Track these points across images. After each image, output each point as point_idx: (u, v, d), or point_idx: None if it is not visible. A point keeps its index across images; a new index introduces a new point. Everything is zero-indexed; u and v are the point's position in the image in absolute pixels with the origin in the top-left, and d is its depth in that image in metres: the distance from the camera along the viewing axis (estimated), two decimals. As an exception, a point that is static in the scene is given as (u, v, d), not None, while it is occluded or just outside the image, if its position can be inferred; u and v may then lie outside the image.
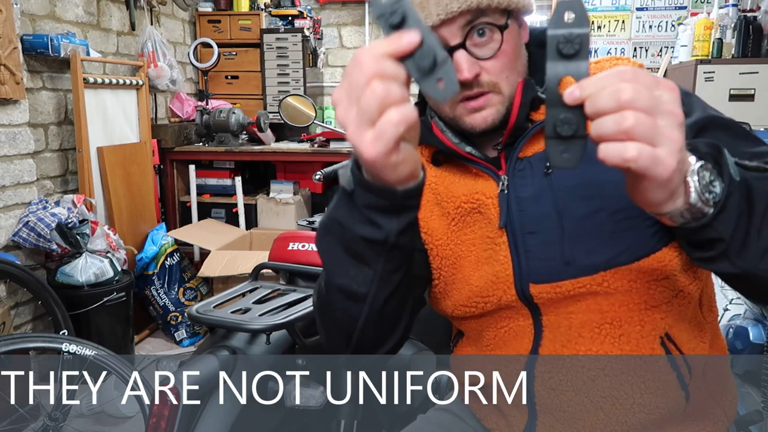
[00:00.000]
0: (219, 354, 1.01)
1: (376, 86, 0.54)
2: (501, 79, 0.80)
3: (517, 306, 0.85)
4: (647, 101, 0.52)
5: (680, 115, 0.53)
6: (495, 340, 0.89)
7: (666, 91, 0.53)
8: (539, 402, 0.87)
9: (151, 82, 3.38)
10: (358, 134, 0.56)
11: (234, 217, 3.65)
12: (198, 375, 0.95)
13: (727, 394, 0.89)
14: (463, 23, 0.76)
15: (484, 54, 0.77)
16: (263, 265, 1.26)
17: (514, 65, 0.81)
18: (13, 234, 2.36)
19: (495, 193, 0.84)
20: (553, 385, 0.85)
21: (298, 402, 1.03)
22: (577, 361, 0.83)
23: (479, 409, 0.98)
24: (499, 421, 0.94)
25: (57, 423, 2.06)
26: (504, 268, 0.84)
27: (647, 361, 0.82)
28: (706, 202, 0.57)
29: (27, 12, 2.61)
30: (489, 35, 0.77)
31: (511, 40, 0.79)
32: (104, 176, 2.91)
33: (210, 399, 0.98)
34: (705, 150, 0.59)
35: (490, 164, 0.85)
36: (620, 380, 0.83)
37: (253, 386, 1.01)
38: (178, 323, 3.04)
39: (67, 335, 2.12)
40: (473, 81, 0.78)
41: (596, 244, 0.78)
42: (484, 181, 0.86)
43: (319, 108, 4.27)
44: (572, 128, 0.53)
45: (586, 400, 0.84)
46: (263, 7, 4.14)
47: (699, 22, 3.28)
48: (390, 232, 0.66)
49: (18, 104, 2.40)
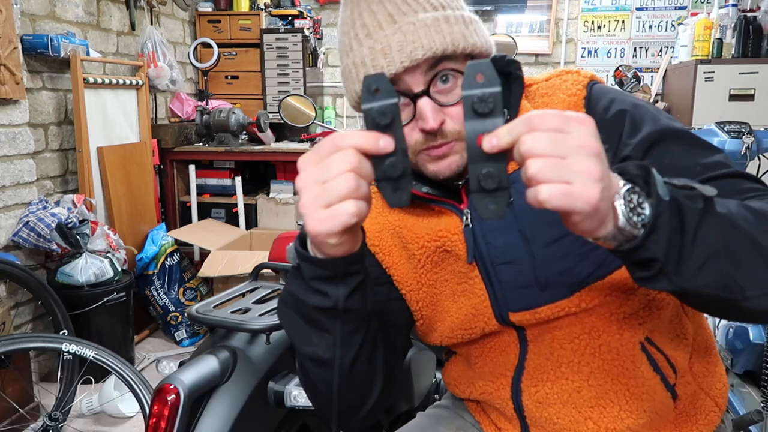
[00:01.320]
0: (219, 354, 1.01)
1: (349, 179, 0.57)
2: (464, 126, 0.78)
3: (501, 329, 0.86)
4: (547, 145, 0.53)
5: (593, 145, 0.53)
6: (482, 357, 0.90)
7: (576, 126, 0.54)
8: (529, 416, 0.88)
9: (151, 82, 3.38)
10: (312, 209, 0.58)
11: (234, 217, 3.66)
12: (198, 375, 0.95)
13: (716, 383, 0.90)
14: (426, 69, 0.74)
15: (449, 101, 0.75)
16: (263, 265, 1.26)
17: None
18: (13, 234, 2.36)
19: (459, 228, 0.83)
20: (540, 399, 0.86)
21: (298, 402, 1.03)
22: (561, 373, 0.84)
23: (477, 412, 1.00)
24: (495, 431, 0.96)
25: (57, 423, 2.06)
26: (481, 300, 0.84)
27: (628, 368, 0.83)
28: (635, 225, 0.57)
29: (27, 12, 2.61)
30: (453, 81, 0.75)
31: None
32: (104, 176, 2.91)
33: (210, 399, 0.98)
34: (634, 172, 0.59)
35: (450, 200, 0.84)
36: (605, 389, 0.83)
37: (253, 386, 1.01)
38: (178, 323, 3.04)
39: (67, 335, 2.12)
40: (437, 131, 0.75)
41: (567, 267, 0.79)
42: (447, 217, 0.84)
43: (319, 108, 4.27)
44: (495, 181, 0.56)
45: (574, 411, 0.85)
46: (263, 7, 4.14)
47: (699, 22, 3.28)
48: (338, 299, 0.68)
49: (18, 104, 2.40)
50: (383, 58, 0.73)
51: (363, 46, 0.75)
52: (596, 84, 0.84)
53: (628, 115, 0.79)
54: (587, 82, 0.83)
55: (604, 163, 0.54)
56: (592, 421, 0.85)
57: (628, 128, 0.78)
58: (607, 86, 0.85)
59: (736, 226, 0.62)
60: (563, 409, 0.85)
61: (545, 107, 0.77)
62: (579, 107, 0.81)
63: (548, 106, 0.81)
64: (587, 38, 4.23)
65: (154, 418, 0.91)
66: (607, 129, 0.74)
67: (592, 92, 0.82)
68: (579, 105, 0.81)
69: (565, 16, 4.23)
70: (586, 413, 0.85)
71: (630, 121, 0.79)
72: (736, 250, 0.62)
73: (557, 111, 0.55)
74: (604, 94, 0.82)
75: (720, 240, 0.60)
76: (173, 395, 0.91)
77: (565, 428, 0.86)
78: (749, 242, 0.63)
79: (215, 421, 0.96)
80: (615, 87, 0.85)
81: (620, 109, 0.79)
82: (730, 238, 0.61)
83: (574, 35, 4.26)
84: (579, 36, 4.24)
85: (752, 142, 1.79)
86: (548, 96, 0.84)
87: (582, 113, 0.57)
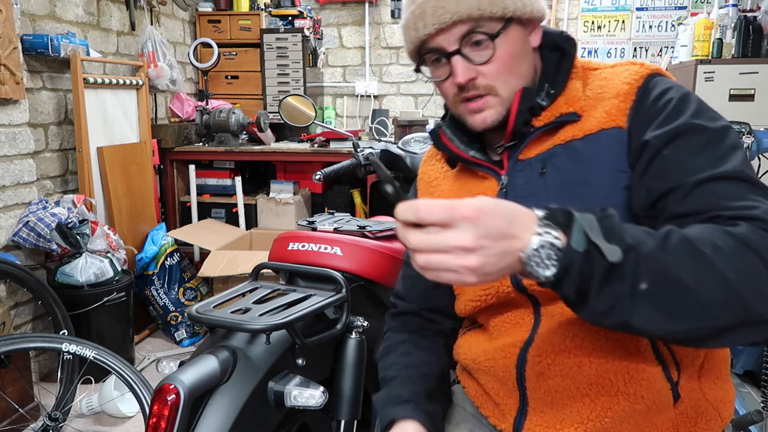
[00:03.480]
0: (219, 354, 1.01)
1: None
2: (498, 83, 0.87)
3: (516, 297, 0.90)
4: (427, 244, 0.63)
5: (471, 244, 0.62)
6: (498, 328, 0.94)
7: (461, 222, 0.62)
8: (529, 387, 0.90)
9: (151, 82, 3.38)
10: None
11: (234, 217, 3.65)
12: (198, 375, 0.95)
13: (723, 398, 0.90)
14: (458, 33, 0.84)
15: (479, 59, 0.85)
16: (263, 265, 1.26)
17: (512, 69, 0.87)
18: (13, 234, 2.36)
19: (495, 192, 0.91)
20: (542, 370, 0.88)
21: (298, 402, 1.03)
22: (564, 346, 0.87)
23: (477, 397, 1.02)
24: (494, 410, 0.98)
25: (57, 423, 2.06)
26: None
27: (632, 352, 0.84)
28: (542, 273, 0.65)
29: (27, 12, 2.61)
30: (485, 42, 0.85)
31: (509, 45, 0.85)
32: (104, 176, 2.91)
33: (210, 399, 0.98)
34: (561, 220, 0.66)
35: (492, 165, 0.92)
36: (605, 368, 0.85)
37: (253, 386, 1.01)
38: (178, 323, 3.04)
39: (67, 335, 2.12)
40: (468, 84, 0.86)
41: None
42: (488, 182, 0.93)
43: (319, 108, 4.27)
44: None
45: (572, 386, 0.87)
46: (263, 7, 4.14)
47: (699, 22, 3.28)
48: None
49: (18, 104, 2.40)
50: (421, 22, 0.85)
51: (407, 11, 0.88)
52: (657, 77, 0.87)
53: (672, 105, 0.82)
54: (647, 74, 0.86)
55: (482, 255, 0.62)
56: (589, 398, 0.86)
57: (665, 116, 0.81)
58: (670, 80, 0.87)
59: (663, 269, 0.65)
60: (562, 382, 0.87)
61: (600, 91, 0.87)
62: (630, 95, 0.85)
63: (603, 91, 0.87)
64: (587, 38, 4.24)
65: (154, 418, 0.91)
66: (647, 114, 0.82)
67: (649, 83, 0.85)
68: (631, 93, 0.85)
69: (565, 16, 4.23)
70: (584, 389, 0.86)
71: (672, 109, 0.81)
72: (662, 292, 0.65)
73: (447, 204, 0.62)
74: (661, 85, 0.85)
75: (628, 288, 0.65)
76: (173, 395, 0.91)
77: (561, 403, 0.88)
78: (676, 286, 0.65)
79: (215, 421, 0.96)
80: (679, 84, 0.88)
81: (669, 98, 0.83)
82: (657, 282, 0.65)
83: (574, 35, 4.25)
84: (579, 36, 4.24)
85: (752, 142, 1.79)
86: (607, 81, 0.88)
87: (475, 201, 0.63)
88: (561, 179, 0.86)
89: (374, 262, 1.29)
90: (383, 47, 4.47)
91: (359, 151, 1.77)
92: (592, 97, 0.88)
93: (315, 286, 1.21)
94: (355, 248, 1.28)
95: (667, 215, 0.77)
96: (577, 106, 0.87)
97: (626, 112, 0.84)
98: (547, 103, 0.88)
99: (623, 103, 0.85)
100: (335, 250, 1.27)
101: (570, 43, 0.92)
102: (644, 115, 0.83)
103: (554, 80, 0.90)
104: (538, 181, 0.88)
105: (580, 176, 0.85)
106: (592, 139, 0.85)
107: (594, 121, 0.86)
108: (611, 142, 0.84)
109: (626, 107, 0.84)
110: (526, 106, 0.87)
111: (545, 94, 0.89)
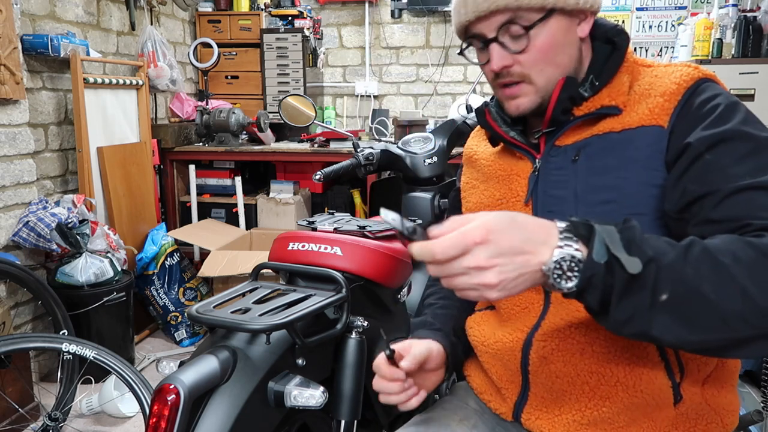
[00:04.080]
0: (219, 354, 1.01)
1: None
2: (534, 72, 0.88)
3: None
4: (447, 272, 0.67)
5: (485, 264, 0.65)
6: (508, 311, 0.97)
7: (474, 247, 0.65)
8: (532, 371, 0.92)
9: (151, 82, 3.38)
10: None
11: (234, 217, 3.65)
12: (198, 375, 0.95)
13: (727, 406, 0.90)
14: (497, 22, 0.86)
15: (515, 48, 0.87)
16: (263, 265, 1.26)
17: (550, 59, 0.87)
18: (13, 234, 2.36)
19: (528, 173, 0.94)
20: (546, 354, 0.89)
21: (298, 402, 1.03)
22: (569, 332, 0.88)
23: (480, 385, 1.04)
24: (496, 395, 1.00)
25: (57, 423, 2.06)
26: None
27: (635, 344, 0.85)
28: (564, 285, 0.68)
29: (27, 12, 2.61)
30: (523, 32, 0.86)
31: (547, 36, 0.86)
32: (104, 176, 2.91)
33: (210, 399, 0.98)
34: (582, 233, 0.69)
35: (529, 148, 0.94)
36: (607, 357, 0.86)
37: (253, 386, 1.01)
38: (178, 323, 3.04)
39: (67, 335, 2.12)
40: (503, 71, 0.89)
41: None
42: (524, 162, 0.96)
43: (319, 108, 4.27)
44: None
45: (573, 373, 0.88)
46: (263, 7, 4.14)
47: (699, 22, 3.27)
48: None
49: (18, 104, 2.40)
50: (463, 8, 0.88)
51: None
52: (708, 82, 0.86)
53: (720, 110, 0.81)
54: (699, 77, 0.86)
55: (497, 271, 0.66)
56: (588, 386, 0.87)
57: (712, 120, 0.80)
58: (721, 87, 0.86)
59: (683, 280, 0.66)
60: (564, 368, 0.88)
61: (648, 87, 0.87)
62: (677, 95, 0.84)
63: (651, 88, 0.87)
64: (587, 38, 4.23)
65: (154, 418, 0.91)
66: (693, 116, 0.82)
67: (698, 87, 0.85)
68: (678, 93, 0.84)
69: (565, 16, 4.23)
70: (584, 377, 0.87)
71: (718, 115, 0.81)
72: (681, 303, 0.66)
73: (457, 236, 0.65)
74: (710, 90, 0.84)
75: (648, 298, 0.66)
76: (173, 395, 0.91)
77: (561, 389, 0.89)
78: (696, 298, 0.66)
79: (215, 421, 0.96)
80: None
81: (717, 103, 0.82)
82: (677, 293, 0.66)
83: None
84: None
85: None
86: (657, 78, 0.88)
87: (484, 221, 0.66)
88: (592, 169, 0.87)
89: (374, 262, 1.29)
90: (383, 47, 4.47)
91: (359, 151, 1.77)
92: (638, 92, 0.88)
93: (315, 286, 1.21)
94: (355, 248, 1.28)
95: (699, 219, 0.77)
96: (620, 100, 0.88)
97: (669, 111, 0.84)
98: (590, 94, 0.89)
99: (668, 103, 0.84)
100: (335, 250, 1.27)
101: (622, 37, 0.92)
102: (689, 117, 0.83)
103: (600, 72, 0.90)
104: (569, 168, 0.89)
105: (612, 169, 0.85)
106: (629, 133, 0.86)
107: (635, 117, 0.86)
108: (649, 140, 0.84)
109: (671, 107, 0.84)
110: (567, 95, 0.88)
111: (589, 85, 0.90)
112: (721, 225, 0.74)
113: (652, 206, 0.83)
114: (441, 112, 4.45)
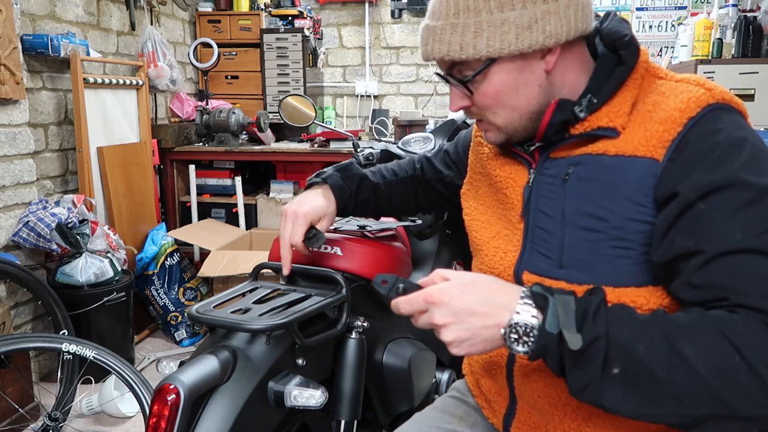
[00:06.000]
0: (219, 354, 1.01)
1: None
2: (489, 114, 0.88)
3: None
4: (418, 324, 0.78)
5: (436, 320, 0.75)
6: None
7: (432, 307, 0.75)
8: (517, 386, 0.92)
9: (151, 82, 3.38)
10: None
11: (234, 217, 3.65)
12: (198, 375, 0.95)
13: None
14: (445, 67, 0.88)
15: (465, 92, 0.88)
16: (263, 265, 1.26)
17: (502, 103, 0.86)
18: (13, 234, 2.36)
19: (523, 183, 0.92)
20: (527, 372, 0.89)
21: (298, 402, 1.03)
22: None
23: (475, 388, 1.05)
24: (486, 405, 1.01)
25: (57, 423, 2.06)
26: (513, 249, 0.92)
27: None
28: (516, 349, 0.72)
29: (27, 12, 2.61)
30: (467, 80, 0.86)
31: (492, 84, 0.84)
32: (104, 176, 2.91)
33: (210, 399, 0.98)
34: (540, 303, 0.72)
35: (527, 156, 0.93)
36: None
37: (253, 386, 1.01)
38: (178, 323, 3.04)
39: (67, 335, 2.12)
40: (464, 110, 0.91)
41: (587, 258, 0.81)
42: (521, 169, 0.94)
43: (319, 108, 4.27)
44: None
45: (554, 394, 0.87)
46: (263, 7, 4.14)
47: (699, 22, 3.27)
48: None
49: (18, 104, 2.40)
50: (422, 46, 0.89)
51: (421, 26, 0.90)
52: (716, 110, 0.78)
53: (718, 151, 0.74)
54: (707, 103, 0.78)
55: (452, 330, 0.73)
56: (570, 408, 0.87)
57: (708, 164, 0.74)
58: (730, 116, 0.78)
59: (634, 357, 0.68)
60: (545, 388, 0.88)
61: (651, 108, 0.81)
62: (678, 125, 0.77)
63: (654, 109, 0.80)
64: (587, 38, 4.23)
65: (154, 418, 0.91)
66: (690, 154, 0.76)
67: (705, 116, 0.77)
68: (679, 123, 0.77)
69: (565, 16, 4.23)
70: (565, 399, 0.86)
71: (716, 157, 0.74)
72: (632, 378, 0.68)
73: (417, 296, 0.77)
74: (715, 122, 0.77)
75: (598, 371, 0.69)
76: (173, 395, 0.91)
77: (544, 409, 0.89)
78: (646, 375, 0.67)
79: (215, 421, 0.96)
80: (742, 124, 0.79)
81: (715, 142, 0.75)
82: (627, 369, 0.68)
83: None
84: (579, 36, 4.23)
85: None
86: (664, 96, 0.81)
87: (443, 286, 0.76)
88: (581, 191, 0.83)
89: (374, 262, 1.29)
90: (383, 47, 4.47)
91: (359, 151, 1.77)
92: (642, 112, 0.82)
93: (315, 286, 1.21)
94: (355, 248, 1.28)
95: (681, 280, 0.74)
96: (618, 122, 0.82)
97: (667, 144, 0.77)
98: (586, 115, 0.84)
99: (667, 133, 0.77)
100: (335, 250, 1.27)
101: (631, 50, 0.84)
102: (686, 155, 0.76)
103: (600, 89, 0.84)
104: (559, 186, 0.86)
105: (599, 197, 0.81)
106: (622, 161, 0.80)
107: (630, 144, 0.80)
108: (640, 173, 0.78)
109: (669, 138, 0.77)
110: (560, 119, 0.84)
111: (587, 104, 0.84)
112: (700, 291, 0.71)
113: (639, 242, 0.78)
114: (441, 112, 4.45)
